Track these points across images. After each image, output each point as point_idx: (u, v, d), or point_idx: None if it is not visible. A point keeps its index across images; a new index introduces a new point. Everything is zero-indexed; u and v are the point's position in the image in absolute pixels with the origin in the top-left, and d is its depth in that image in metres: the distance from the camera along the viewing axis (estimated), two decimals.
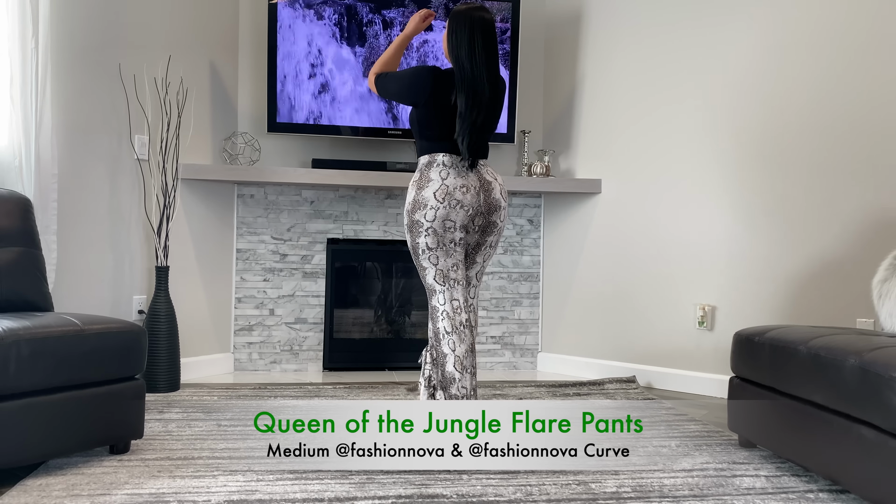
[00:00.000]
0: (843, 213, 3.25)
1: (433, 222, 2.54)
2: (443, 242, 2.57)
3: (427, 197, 2.55)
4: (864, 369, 1.93)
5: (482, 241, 2.70)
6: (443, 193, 2.54)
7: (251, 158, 3.83)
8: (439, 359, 2.57)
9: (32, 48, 2.87)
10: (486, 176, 2.64)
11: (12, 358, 2.01)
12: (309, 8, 3.79)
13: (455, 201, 2.54)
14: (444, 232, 2.56)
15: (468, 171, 2.60)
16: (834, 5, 3.29)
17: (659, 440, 2.67)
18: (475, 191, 2.58)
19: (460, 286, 2.62)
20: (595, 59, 4.03)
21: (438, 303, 2.60)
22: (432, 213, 2.54)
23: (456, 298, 2.60)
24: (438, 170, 2.59)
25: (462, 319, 2.59)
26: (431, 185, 2.56)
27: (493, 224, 2.66)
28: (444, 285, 2.60)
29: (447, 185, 2.55)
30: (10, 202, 2.63)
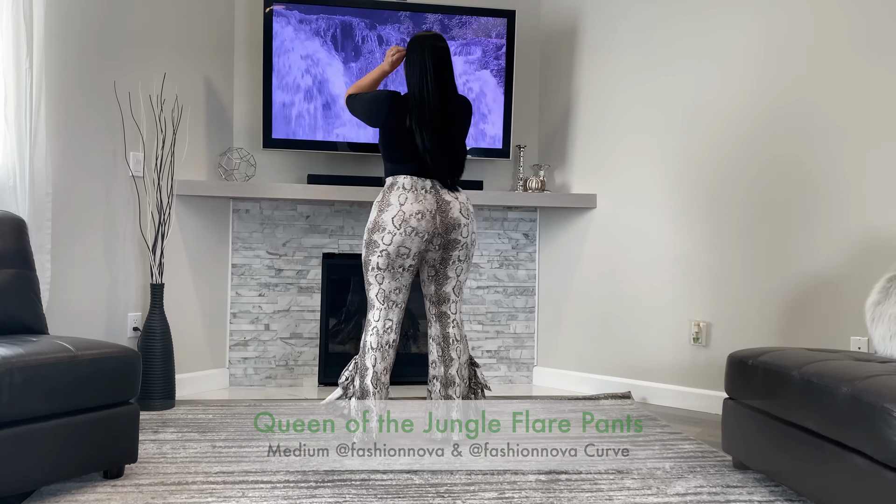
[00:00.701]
0: (836, 231, 3.26)
1: (389, 246, 2.67)
2: (392, 266, 2.70)
3: (385, 221, 2.67)
4: (857, 398, 1.93)
5: (447, 257, 2.78)
6: (399, 220, 2.66)
7: (246, 174, 3.83)
8: (361, 370, 2.72)
9: (27, 68, 2.86)
10: (446, 196, 2.74)
11: (5, 386, 2.01)
12: (304, 24, 3.79)
13: (410, 228, 2.65)
14: (397, 257, 2.68)
15: (427, 193, 2.70)
16: (822, 19, 3.30)
17: (653, 461, 2.67)
18: (430, 215, 2.68)
19: (397, 309, 2.76)
20: (590, 75, 4.03)
21: (373, 318, 2.75)
22: (389, 238, 2.66)
23: (390, 319, 2.75)
24: (398, 193, 2.70)
25: (389, 339, 2.75)
26: (390, 209, 2.68)
27: (453, 241, 2.76)
28: (384, 304, 2.74)
29: (403, 212, 2.66)
30: (4, 223, 2.63)
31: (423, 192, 2.72)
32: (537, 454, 2.73)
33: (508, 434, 3.02)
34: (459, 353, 2.79)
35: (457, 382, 2.76)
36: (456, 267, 2.80)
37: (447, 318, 2.81)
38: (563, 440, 2.93)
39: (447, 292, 2.81)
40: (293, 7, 3.77)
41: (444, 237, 2.74)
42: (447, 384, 2.78)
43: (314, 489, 2.31)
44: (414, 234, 2.67)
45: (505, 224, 4.19)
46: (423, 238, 2.69)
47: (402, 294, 2.77)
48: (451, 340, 2.80)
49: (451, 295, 2.82)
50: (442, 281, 2.80)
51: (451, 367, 2.77)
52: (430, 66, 2.71)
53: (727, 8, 3.57)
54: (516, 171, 4.16)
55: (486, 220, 4.16)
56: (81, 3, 3.20)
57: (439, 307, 2.82)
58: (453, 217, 2.73)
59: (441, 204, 2.73)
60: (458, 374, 2.76)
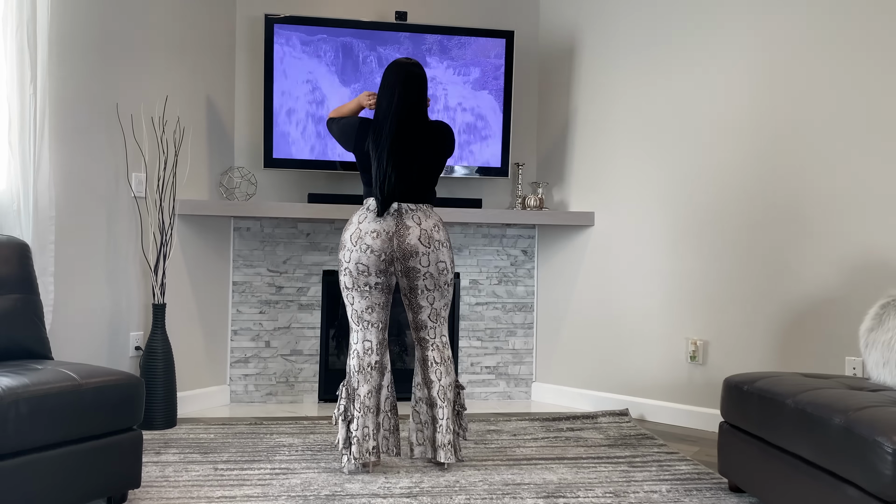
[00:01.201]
0: (833, 251, 3.29)
1: (349, 263, 2.75)
2: (357, 284, 2.75)
3: (345, 239, 2.77)
4: (849, 430, 1.97)
5: (413, 286, 2.80)
6: (356, 237, 2.74)
7: (247, 193, 3.86)
8: (350, 394, 2.77)
9: (31, 94, 2.90)
10: (407, 221, 2.76)
11: (11, 417, 2.03)
12: (305, 44, 3.83)
13: (365, 245, 2.72)
14: (359, 275, 2.74)
15: (388, 215, 2.76)
16: (835, 33, 3.34)
17: (650, 484, 2.70)
18: (387, 236, 2.73)
19: (374, 329, 2.80)
20: (588, 93, 4.07)
21: (353, 341, 2.82)
22: (348, 255, 2.75)
23: (368, 340, 2.79)
24: (360, 213, 2.79)
25: (371, 361, 2.78)
26: (350, 227, 2.78)
27: (413, 269, 2.76)
28: (358, 325, 2.80)
29: (360, 229, 2.74)
30: (9, 248, 2.66)
31: (385, 215, 2.76)
32: (536, 476, 2.76)
33: (507, 455, 3.05)
34: (439, 375, 2.80)
35: (438, 404, 2.78)
36: (426, 296, 2.80)
37: (426, 343, 2.86)
38: (562, 461, 2.96)
39: (422, 320, 2.85)
40: (294, 28, 3.81)
41: (402, 263, 2.75)
42: (432, 405, 2.82)
43: None
44: (369, 252, 2.72)
45: (504, 241, 4.22)
46: (379, 257, 2.72)
47: (376, 314, 2.79)
48: (430, 363, 2.83)
49: (426, 322, 2.84)
50: (416, 309, 2.84)
51: (433, 388, 2.81)
52: (399, 92, 2.77)
53: (722, 28, 3.61)
54: (515, 188, 4.19)
55: (484, 237, 4.20)
56: (84, 28, 3.23)
57: (418, 333, 2.87)
58: (410, 244, 2.73)
59: (400, 227, 2.74)
60: (439, 396, 2.78)
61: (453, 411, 2.81)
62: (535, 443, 3.25)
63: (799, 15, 3.39)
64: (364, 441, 2.71)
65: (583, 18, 4.09)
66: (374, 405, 2.77)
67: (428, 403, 2.84)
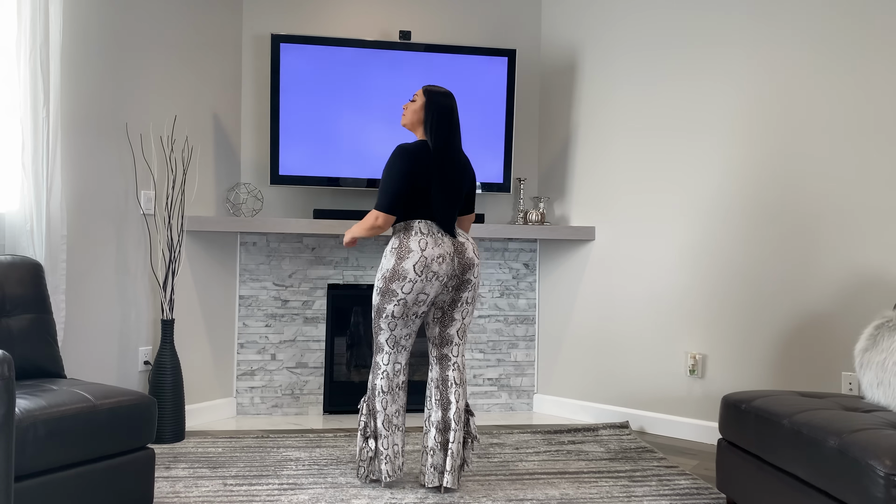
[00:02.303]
0: (830, 268, 3.36)
1: (408, 295, 2.72)
2: (407, 314, 2.76)
3: (407, 269, 2.71)
4: (843, 452, 2.03)
5: (457, 298, 2.84)
6: (421, 266, 2.70)
7: (254, 208, 3.93)
8: (372, 411, 2.81)
9: (44, 117, 2.96)
10: (460, 238, 2.82)
11: (30, 440, 2.09)
12: (310, 61, 3.89)
13: (432, 273, 2.71)
14: (414, 304, 2.74)
15: (443, 236, 2.77)
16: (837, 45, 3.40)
17: (650, 499, 2.76)
18: (450, 258, 2.75)
19: (406, 352, 2.84)
20: (589, 109, 4.13)
21: (382, 362, 2.82)
22: (409, 286, 2.71)
23: (399, 362, 2.83)
24: (417, 239, 2.75)
25: (399, 381, 2.84)
26: (412, 256, 2.71)
27: (467, 281, 2.82)
28: (393, 349, 2.81)
29: (426, 257, 2.71)
30: (23, 269, 2.72)
31: (439, 235, 2.77)
32: (538, 491, 2.82)
33: (510, 469, 3.11)
34: (458, 396, 2.81)
35: (452, 427, 2.77)
36: (462, 309, 2.84)
37: (448, 361, 2.85)
38: (564, 475, 3.02)
39: (451, 335, 2.86)
40: (300, 46, 3.87)
41: (460, 277, 2.80)
42: (444, 429, 2.80)
43: None
44: (434, 279, 2.72)
45: (506, 254, 4.29)
46: (441, 282, 2.74)
47: (412, 339, 2.84)
48: (450, 384, 2.83)
49: (454, 337, 2.86)
50: (447, 323, 2.86)
51: (449, 410, 2.80)
52: (453, 122, 2.84)
53: (720, 45, 3.67)
54: (517, 203, 4.26)
55: (487, 251, 4.26)
56: (94, 51, 3.29)
57: (441, 349, 2.87)
58: (469, 258, 2.80)
59: (457, 246, 2.79)
60: (454, 419, 2.78)
61: (463, 437, 2.82)
62: (538, 457, 3.31)
63: (796, 35, 3.45)
64: (395, 458, 2.80)
65: (584, 37, 4.16)
66: (401, 423, 2.83)
67: (439, 428, 2.81)
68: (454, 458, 2.76)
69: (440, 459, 2.80)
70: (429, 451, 2.80)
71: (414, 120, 2.86)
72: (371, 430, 2.81)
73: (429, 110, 2.83)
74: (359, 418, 2.86)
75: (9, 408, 1.59)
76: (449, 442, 2.77)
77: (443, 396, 2.83)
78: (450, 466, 2.75)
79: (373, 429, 2.81)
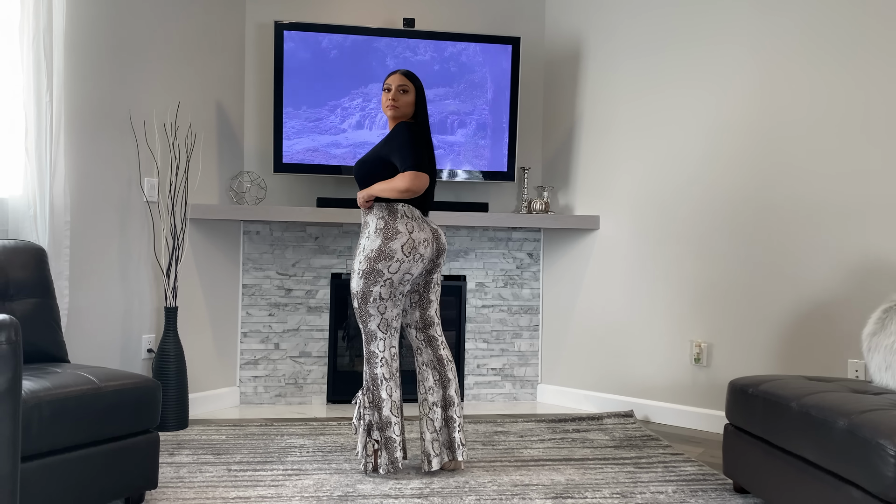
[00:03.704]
0: (835, 255, 3.34)
1: (394, 274, 2.74)
2: (394, 294, 2.78)
3: (395, 249, 2.73)
4: (853, 433, 2.01)
5: (429, 280, 2.91)
6: (409, 247, 2.74)
7: (257, 197, 3.91)
8: (376, 402, 2.79)
9: (47, 101, 2.95)
10: (433, 225, 2.88)
11: (34, 420, 2.08)
12: (314, 49, 3.87)
13: (418, 255, 2.76)
14: (400, 284, 2.77)
15: (422, 221, 2.83)
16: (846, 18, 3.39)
17: (656, 485, 2.75)
18: (431, 241, 2.81)
19: (397, 334, 2.86)
20: (593, 98, 4.12)
21: (378, 349, 2.81)
22: (396, 266, 2.73)
23: (394, 346, 2.83)
24: (404, 221, 2.78)
25: (397, 365, 2.83)
26: (399, 237, 2.74)
27: (438, 265, 2.90)
28: (386, 333, 2.81)
29: (413, 239, 2.75)
30: (27, 253, 2.71)
31: (419, 220, 2.82)
32: (544, 477, 2.81)
33: (515, 456, 3.10)
34: (454, 373, 2.89)
35: (456, 402, 2.84)
36: (435, 290, 2.93)
37: (436, 342, 2.90)
38: (569, 462, 3.01)
39: (431, 316, 2.92)
40: (303, 34, 3.85)
41: (433, 262, 2.88)
42: (447, 405, 2.84)
43: None
44: (420, 261, 2.77)
45: (510, 244, 4.27)
46: (424, 264, 2.80)
47: (400, 319, 2.86)
48: (446, 361, 2.88)
49: (434, 318, 2.93)
50: (426, 305, 2.91)
51: (450, 387, 2.85)
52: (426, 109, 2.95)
53: (724, 34, 3.65)
54: (521, 192, 4.24)
55: (490, 241, 4.25)
56: (98, 37, 3.28)
57: (426, 332, 2.91)
58: (443, 243, 2.89)
59: (434, 231, 2.86)
60: (455, 394, 2.85)
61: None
62: (542, 444, 3.30)
63: (798, 21, 3.44)
64: (401, 445, 2.80)
65: (588, 25, 4.14)
66: (400, 407, 2.85)
67: (442, 405, 2.85)
68: (464, 431, 2.82)
69: (447, 437, 2.83)
70: (439, 432, 2.81)
71: (407, 112, 2.88)
72: (376, 421, 2.79)
73: (419, 101, 2.89)
74: (358, 412, 2.82)
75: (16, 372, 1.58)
76: (456, 417, 2.83)
77: (442, 376, 2.87)
78: (460, 440, 2.81)
79: (377, 420, 2.78)
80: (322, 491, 2.61)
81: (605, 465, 3.00)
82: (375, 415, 2.79)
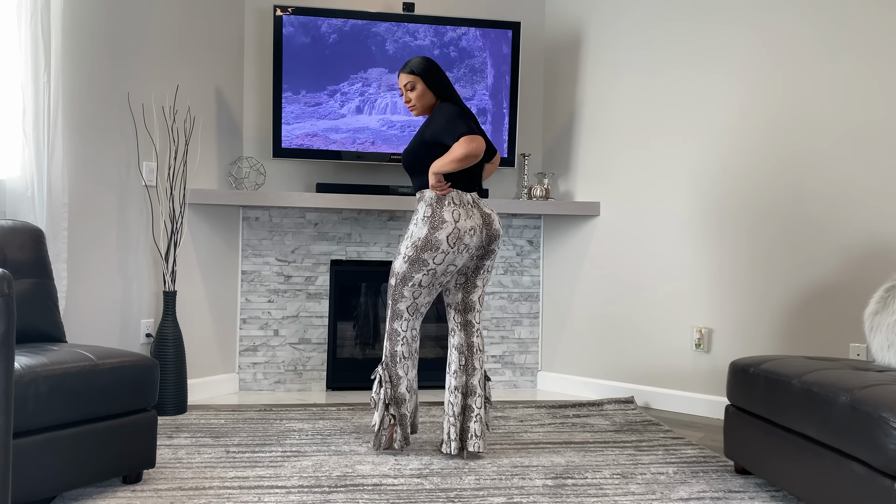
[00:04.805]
0: (836, 239, 3.33)
1: (438, 265, 2.71)
2: (433, 283, 2.76)
3: (440, 240, 2.68)
4: (855, 407, 2.00)
5: (480, 265, 2.86)
6: (454, 237, 2.68)
7: (256, 182, 3.90)
8: (393, 379, 2.80)
9: (45, 81, 2.93)
10: (486, 209, 2.82)
11: (31, 395, 2.07)
12: (313, 33, 3.86)
13: (463, 245, 2.70)
14: (442, 275, 2.74)
15: (472, 207, 2.76)
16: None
17: (657, 466, 2.74)
18: (479, 229, 2.74)
19: (422, 317, 2.86)
20: (594, 84, 4.10)
21: (401, 328, 2.82)
22: (441, 257, 2.70)
23: (415, 328, 2.84)
24: (451, 209, 2.72)
25: (416, 346, 2.86)
26: (445, 227, 2.69)
27: (491, 251, 2.84)
28: (412, 316, 2.81)
29: (458, 229, 2.69)
30: (24, 234, 2.69)
31: (469, 206, 2.75)
32: (544, 459, 2.80)
33: (515, 439, 3.09)
34: (482, 362, 2.84)
35: (478, 392, 2.79)
36: (484, 276, 2.88)
37: (472, 328, 2.86)
38: (569, 445, 3.00)
39: (473, 301, 2.87)
40: (303, 18, 3.84)
41: (486, 248, 2.81)
42: (468, 394, 2.80)
43: (328, 494, 2.38)
44: (465, 251, 2.71)
45: (510, 231, 4.26)
46: (470, 254, 2.76)
47: (428, 306, 2.86)
48: (476, 350, 2.84)
49: (476, 304, 2.88)
50: (470, 289, 2.87)
51: (474, 376, 2.80)
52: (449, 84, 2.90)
53: (728, 19, 3.63)
54: (521, 179, 4.22)
55: None
56: (96, 18, 3.27)
57: (465, 315, 2.87)
58: (496, 228, 2.81)
59: (485, 217, 2.79)
60: (479, 384, 2.80)
61: (484, 401, 2.85)
62: (542, 428, 3.28)
63: (803, 8, 3.42)
64: (412, 420, 2.86)
65: (589, 9, 4.12)
66: (415, 387, 2.89)
67: (463, 392, 2.80)
68: (482, 423, 2.78)
69: (464, 425, 2.79)
70: (456, 418, 2.78)
71: (426, 103, 2.84)
72: (391, 397, 2.80)
73: (430, 83, 2.83)
74: (377, 388, 2.82)
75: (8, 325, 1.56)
76: (475, 407, 2.78)
77: (468, 363, 2.83)
78: (479, 431, 2.77)
79: (392, 396, 2.80)
80: (321, 471, 2.60)
81: (606, 448, 2.98)
82: (392, 391, 2.81)
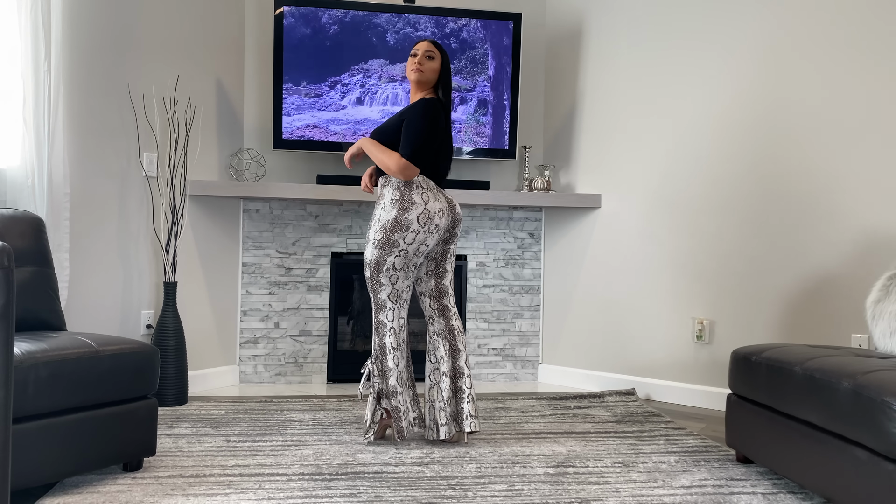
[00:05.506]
0: (837, 229, 3.32)
1: (409, 245, 2.73)
2: (407, 265, 2.77)
3: (410, 220, 2.73)
4: (858, 392, 1.99)
5: (446, 250, 2.91)
6: (424, 218, 2.73)
7: (257, 174, 3.89)
8: (384, 371, 2.79)
9: (45, 70, 2.93)
10: (447, 195, 2.89)
11: (31, 380, 2.07)
12: (313, 25, 3.85)
13: (433, 226, 2.75)
14: (414, 255, 2.76)
15: (438, 191, 2.83)
16: None
17: (658, 455, 2.73)
18: (447, 212, 2.81)
19: (407, 305, 2.84)
20: (595, 77, 4.09)
21: (387, 319, 2.81)
22: (412, 237, 2.73)
23: (402, 317, 2.84)
24: (419, 192, 2.77)
25: (405, 336, 2.85)
26: (415, 208, 2.74)
27: (454, 235, 2.90)
28: (396, 304, 2.81)
29: (428, 210, 2.74)
30: (24, 222, 2.69)
31: (435, 190, 2.82)
32: (545, 448, 2.80)
33: (516, 429, 3.08)
34: (465, 343, 2.88)
35: (466, 373, 2.83)
36: (450, 260, 2.93)
37: (449, 312, 2.90)
38: (571, 435, 2.99)
39: (445, 285, 2.92)
40: (303, 9, 3.83)
41: (450, 232, 2.88)
42: (456, 376, 2.82)
43: (328, 481, 2.37)
44: (435, 231, 2.76)
45: (511, 224, 4.25)
46: (440, 235, 2.80)
47: (410, 291, 2.87)
48: (457, 332, 2.87)
49: (448, 288, 2.93)
50: (441, 274, 2.91)
51: (460, 358, 2.84)
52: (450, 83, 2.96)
53: (727, 13, 3.63)
54: (522, 171, 4.22)
55: (491, 220, 4.22)
56: (97, 7, 3.26)
57: (440, 301, 2.90)
58: (458, 213, 2.89)
59: (449, 202, 2.87)
60: (465, 365, 2.84)
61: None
62: (543, 419, 3.28)
63: (803, 2, 3.42)
64: (406, 414, 2.80)
65: (590, 1, 4.11)
66: (409, 378, 2.86)
67: (451, 376, 2.83)
68: (474, 402, 2.81)
69: (455, 408, 2.81)
70: (446, 402, 2.80)
71: (431, 78, 2.86)
72: (384, 390, 2.79)
73: (444, 70, 2.89)
74: (370, 382, 2.82)
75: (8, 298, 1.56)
76: (465, 388, 2.81)
77: (452, 346, 2.86)
78: (473, 410, 2.80)
79: (386, 388, 2.79)
80: (322, 460, 2.60)
81: (607, 437, 2.98)
82: (384, 383, 2.79)
